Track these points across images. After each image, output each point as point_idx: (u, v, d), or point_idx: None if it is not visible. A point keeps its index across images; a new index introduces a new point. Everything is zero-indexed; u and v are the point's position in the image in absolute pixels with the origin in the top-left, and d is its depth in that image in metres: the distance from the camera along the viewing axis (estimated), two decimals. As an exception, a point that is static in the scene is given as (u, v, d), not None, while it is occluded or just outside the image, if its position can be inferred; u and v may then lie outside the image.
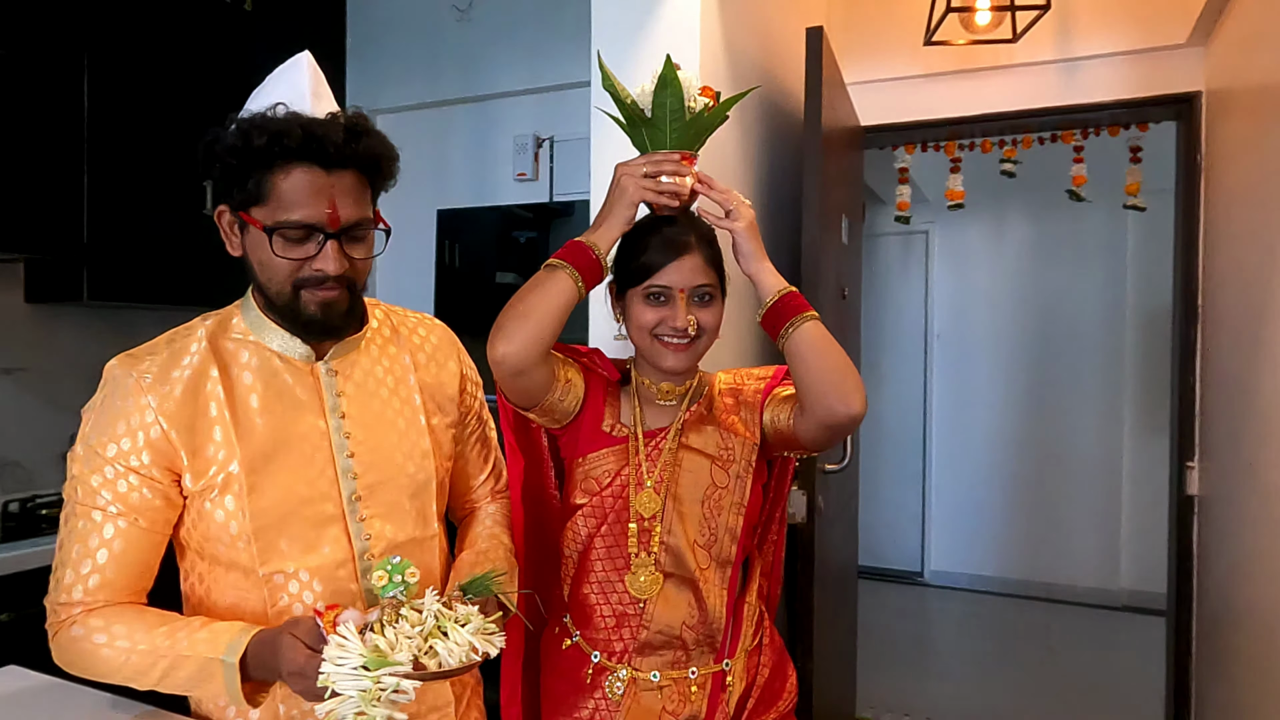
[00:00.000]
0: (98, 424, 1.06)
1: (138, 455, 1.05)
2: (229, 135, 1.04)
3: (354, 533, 1.11)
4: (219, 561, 1.10)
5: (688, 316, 1.22)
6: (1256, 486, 1.91)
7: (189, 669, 1.01)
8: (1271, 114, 1.83)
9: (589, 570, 1.28)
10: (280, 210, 1.03)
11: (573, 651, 1.30)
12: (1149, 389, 4.52)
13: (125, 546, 1.05)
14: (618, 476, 1.27)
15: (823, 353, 1.17)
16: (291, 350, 1.12)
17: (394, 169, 1.14)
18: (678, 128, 1.21)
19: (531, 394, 1.22)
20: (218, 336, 1.12)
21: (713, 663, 1.28)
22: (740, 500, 1.27)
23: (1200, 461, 2.58)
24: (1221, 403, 2.32)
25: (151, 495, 1.06)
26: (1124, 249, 4.67)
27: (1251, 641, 1.95)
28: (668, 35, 1.82)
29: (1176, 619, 2.72)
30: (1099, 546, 4.72)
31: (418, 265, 3.16)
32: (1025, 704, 3.49)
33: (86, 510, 1.05)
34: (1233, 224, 2.23)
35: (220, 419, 1.07)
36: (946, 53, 2.62)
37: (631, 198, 1.20)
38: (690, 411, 1.31)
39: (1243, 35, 2.11)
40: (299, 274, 1.06)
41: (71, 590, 1.05)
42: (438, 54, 3.14)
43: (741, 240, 1.22)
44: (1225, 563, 2.25)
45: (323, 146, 1.02)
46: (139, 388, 1.05)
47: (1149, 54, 2.57)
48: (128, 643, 1.02)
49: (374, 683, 0.90)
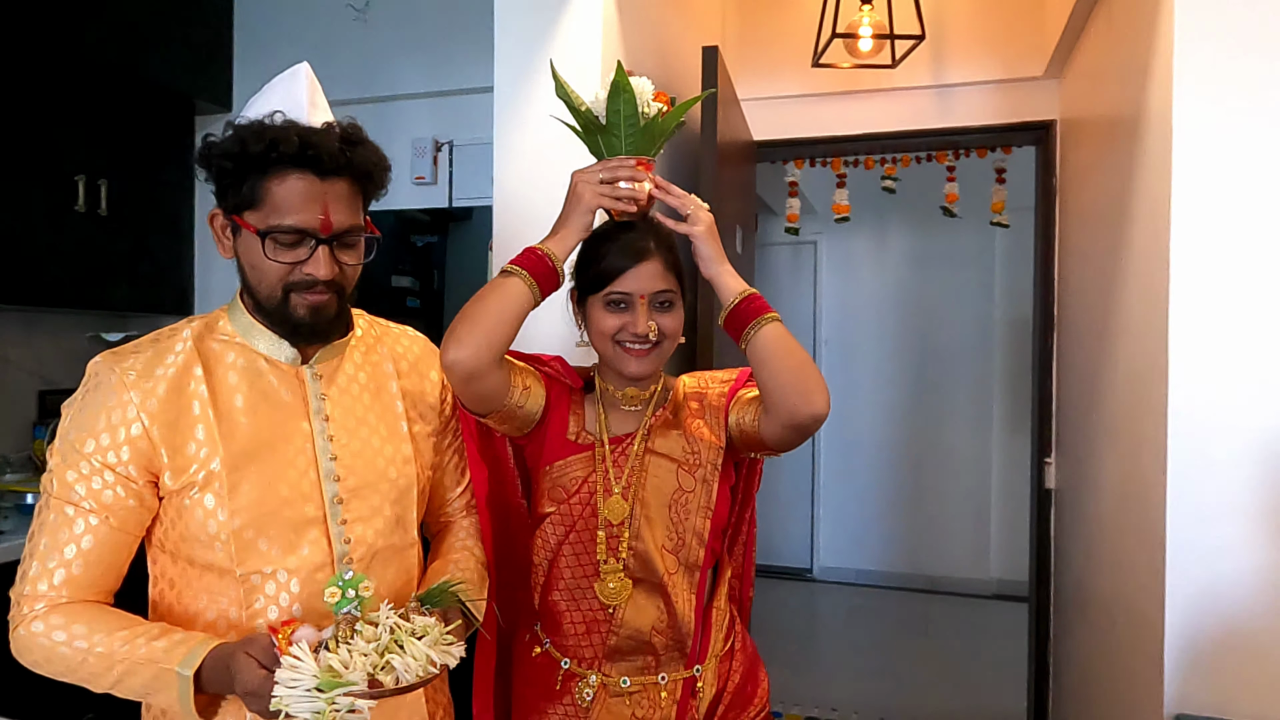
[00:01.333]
0: (77, 420, 1.05)
1: (116, 452, 1.03)
2: (226, 140, 1.05)
3: (334, 535, 1.11)
4: (194, 563, 1.08)
5: (649, 322, 1.22)
6: (1102, 480, 2.12)
7: (143, 676, 0.99)
8: (1110, 143, 2.04)
9: (558, 577, 1.27)
10: (274, 215, 1.04)
11: (542, 659, 1.29)
12: (1015, 391, 4.88)
13: (94, 544, 1.03)
14: (585, 483, 1.26)
15: (785, 354, 1.17)
16: (278, 353, 1.12)
17: (385, 179, 1.15)
18: (632, 133, 1.21)
19: (486, 400, 1.20)
20: (204, 337, 1.11)
21: (683, 669, 1.28)
22: (707, 504, 1.26)
23: (1057, 457, 2.82)
24: (1074, 404, 2.55)
25: (125, 495, 1.04)
26: (992, 262, 5.03)
27: (1097, 621, 2.15)
28: (571, 47, 1.87)
29: (1036, 604, 2.95)
30: (971, 539, 5.05)
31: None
32: (907, 688, 3.71)
33: (59, 505, 1.04)
34: (1082, 242, 2.46)
35: (204, 417, 1.06)
36: (833, 74, 2.78)
37: (588, 204, 1.19)
38: (656, 416, 1.30)
39: (1088, 71, 2.35)
40: (290, 278, 1.07)
41: (36, 583, 1.03)
42: (333, 54, 3.08)
43: (700, 244, 1.21)
44: (1077, 550, 2.47)
45: (318, 155, 1.04)
46: (122, 384, 1.04)
47: (1011, 84, 2.80)
48: (86, 644, 1.00)
49: (328, 704, 0.88)
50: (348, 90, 3.09)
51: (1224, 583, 1.50)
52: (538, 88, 1.88)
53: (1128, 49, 1.89)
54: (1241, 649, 1.49)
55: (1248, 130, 1.51)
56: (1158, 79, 1.64)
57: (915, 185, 3.80)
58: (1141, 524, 1.70)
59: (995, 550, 5.01)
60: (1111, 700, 1.98)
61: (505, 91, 1.90)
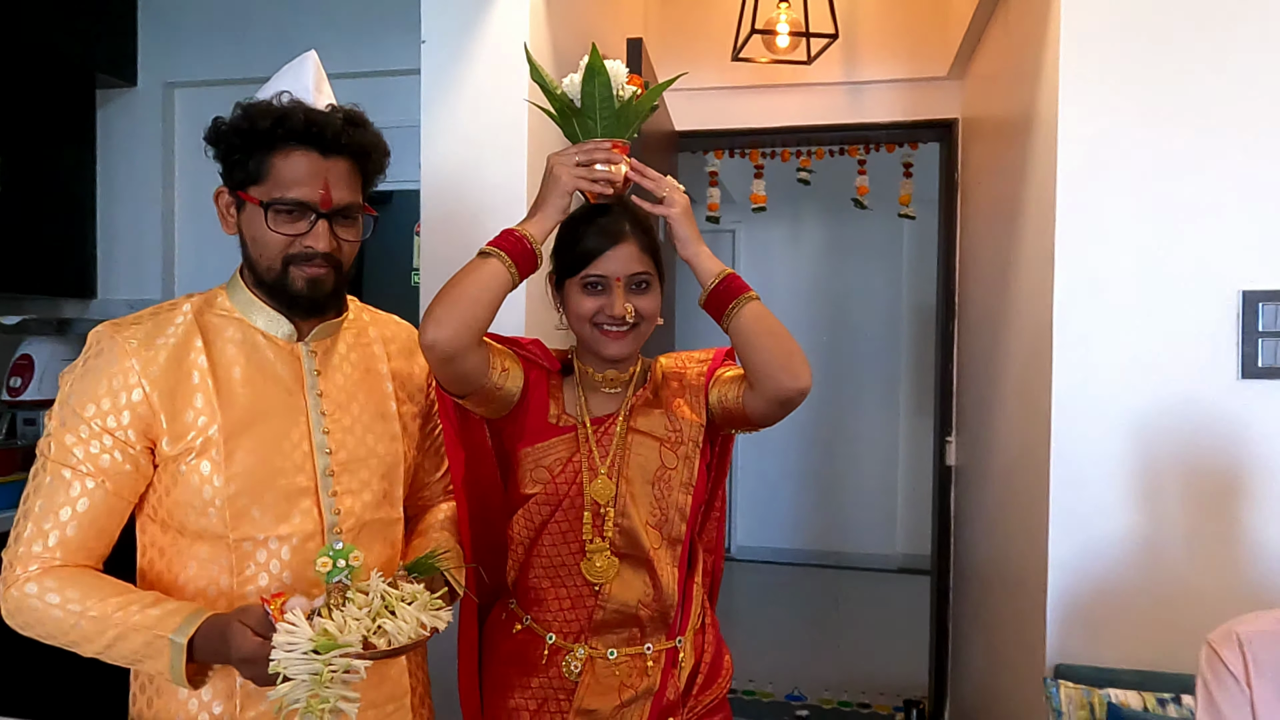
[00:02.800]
0: (78, 385, 1.06)
1: (116, 416, 1.05)
2: (235, 118, 1.09)
3: (325, 506, 1.15)
4: (185, 532, 1.10)
5: (626, 304, 1.23)
6: (996, 456, 2.29)
7: (135, 642, 1.02)
8: (1005, 142, 2.19)
9: (540, 556, 1.28)
10: (277, 189, 1.09)
11: (524, 635, 1.30)
12: (921, 375, 5.13)
13: (89, 507, 1.05)
14: (569, 464, 1.27)
15: (768, 331, 1.20)
16: (275, 329, 1.16)
17: (384, 162, 1.21)
18: (607, 116, 1.22)
19: (465, 380, 1.20)
20: (203, 311, 1.15)
21: (665, 639, 1.30)
22: (689, 480, 1.29)
23: (957, 436, 3.01)
24: (972, 386, 2.73)
25: (122, 460, 1.06)
26: (900, 252, 5.26)
27: (990, 586, 2.33)
28: (498, 34, 1.89)
29: (937, 576, 3.13)
30: (879, 516, 5.30)
31: (234, 250, 3.00)
32: (818, 660, 3.89)
33: (57, 468, 1.05)
34: (980, 234, 2.62)
35: (203, 386, 1.09)
36: (751, 69, 2.87)
37: (565, 186, 1.19)
38: (636, 396, 1.32)
39: (987, 73, 2.50)
40: (290, 250, 1.11)
41: (31, 545, 1.04)
42: (245, 30, 3.00)
43: (677, 226, 1.23)
44: (975, 523, 2.65)
45: (321, 132, 1.09)
46: (124, 351, 1.07)
47: (918, 83, 2.95)
48: (79, 607, 1.02)
49: (325, 665, 0.92)
50: (261, 68, 2.99)
51: (1098, 543, 1.66)
52: (468, 72, 1.90)
53: (1021, 53, 2.03)
54: (1113, 603, 1.65)
55: (1125, 131, 1.65)
56: (1046, 82, 1.78)
57: (828, 177, 3.94)
58: (1028, 493, 1.85)
59: (901, 527, 5.28)
60: (1002, 656, 2.15)
61: (433, 76, 1.91)
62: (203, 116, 2.77)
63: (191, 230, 3.12)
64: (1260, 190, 1.59)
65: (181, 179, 3.13)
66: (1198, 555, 1.62)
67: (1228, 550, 1.61)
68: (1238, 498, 1.60)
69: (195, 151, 3.24)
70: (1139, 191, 1.65)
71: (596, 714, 1.27)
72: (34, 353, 2.73)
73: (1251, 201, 1.60)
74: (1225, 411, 1.60)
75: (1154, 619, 1.62)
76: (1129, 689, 1.54)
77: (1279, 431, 1.58)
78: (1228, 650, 1.19)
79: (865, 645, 4.10)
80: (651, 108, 1.27)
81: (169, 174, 3.11)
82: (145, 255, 3.09)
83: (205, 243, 3.10)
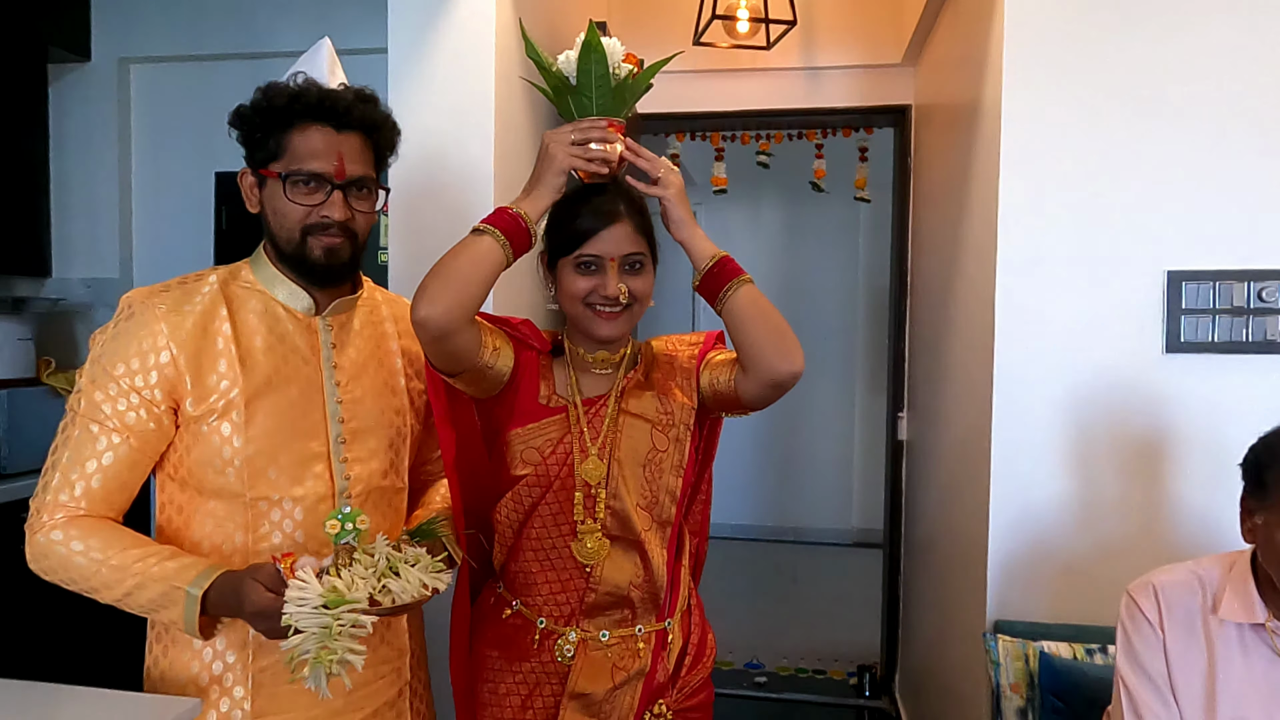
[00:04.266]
0: (109, 346, 1.12)
1: (144, 376, 1.11)
2: (254, 99, 1.15)
3: (336, 472, 1.21)
4: (203, 490, 1.16)
5: (619, 285, 1.22)
6: (943, 430, 2.40)
7: (153, 592, 1.08)
8: (954, 128, 2.28)
9: (529, 539, 1.27)
10: (295, 162, 1.15)
11: (515, 619, 1.30)
12: (876, 354, 5.26)
13: (114, 461, 1.11)
14: (560, 445, 1.26)
15: (761, 315, 1.19)
16: (295, 302, 1.22)
17: (395, 138, 1.26)
18: (603, 94, 1.20)
19: (456, 358, 1.19)
20: (228, 283, 1.21)
21: (655, 621, 1.30)
22: (680, 462, 1.29)
23: (909, 412, 3.13)
24: (923, 363, 2.84)
25: (147, 418, 1.12)
26: (857, 234, 5.38)
27: (937, 553, 2.44)
28: (465, 14, 1.92)
29: (890, 548, 3.26)
30: (835, 492, 5.45)
31: (194, 229, 2.99)
32: (776, 631, 4.01)
33: (85, 423, 1.11)
34: (931, 218, 2.73)
35: (226, 352, 1.15)
36: (713, 53, 2.92)
37: (560, 165, 1.18)
38: (627, 378, 1.31)
39: (938, 60, 2.59)
40: (308, 220, 1.16)
41: (58, 494, 1.10)
42: (204, 6, 2.97)
43: (671, 207, 1.21)
44: (925, 495, 2.77)
45: (334, 108, 1.16)
46: (154, 315, 1.13)
47: (873, 69, 3.04)
48: (100, 555, 1.08)
49: (334, 619, 0.98)
50: (219, 44, 2.98)
51: (1035, 508, 1.77)
52: (436, 51, 1.93)
53: (969, 42, 2.12)
54: (1049, 563, 1.77)
55: (1064, 120, 1.74)
56: (991, 71, 1.87)
57: (787, 161, 4.02)
58: (971, 462, 1.96)
59: (857, 502, 5.43)
60: (947, 616, 2.27)
61: (400, 54, 1.94)
62: (158, 92, 2.75)
63: (149, 208, 3.09)
64: (1186, 178, 1.70)
65: (139, 156, 3.09)
66: (1126, 518, 1.74)
67: (1153, 512, 1.73)
68: (1162, 463, 1.72)
69: (152, 128, 3.23)
70: (1075, 177, 1.74)
71: (590, 697, 1.26)
72: (-11, 331, 2.70)
73: (1178, 188, 1.70)
74: (1151, 383, 1.72)
75: (1086, 577, 1.74)
76: (1061, 641, 1.65)
77: (1199, 401, 1.70)
78: (1144, 598, 1.30)
79: (821, 616, 4.24)
80: (646, 86, 1.25)
81: (125, 151, 3.07)
82: (101, 233, 3.06)
83: (163, 220, 3.08)
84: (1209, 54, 1.69)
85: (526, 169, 1.82)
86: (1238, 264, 1.68)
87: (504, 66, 1.98)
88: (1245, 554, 1.27)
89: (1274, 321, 1.67)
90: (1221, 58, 1.69)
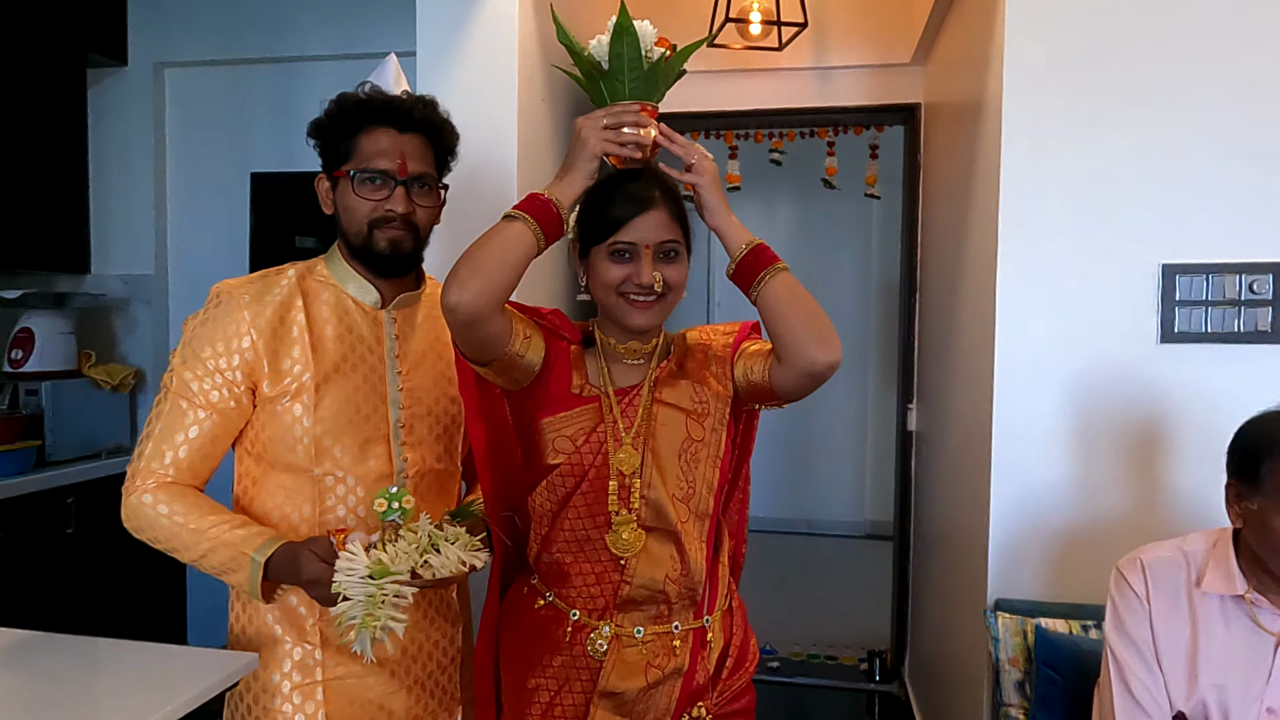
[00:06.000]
0: (199, 331, 1.24)
1: (228, 359, 1.23)
2: (328, 108, 1.28)
3: (395, 454, 1.32)
4: (276, 464, 1.27)
5: (653, 273, 1.19)
6: (949, 419, 2.47)
7: (223, 555, 1.19)
8: (960, 126, 2.35)
9: (563, 529, 1.25)
10: (362, 161, 1.26)
11: (547, 611, 1.27)
12: (888, 348, 5.32)
13: (199, 435, 1.23)
14: (593, 434, 1.24)
15: (797, 303, 1.16)
16: (364, 296, 1.33)
17: (454, 140, 1.37)
18: (636, 78, 1.18)
19: (487, 347, 1.18)
20: (304, 277, 1.32)
21: (693, 618, 1.27)
22: (716, 453, 1.26)
23: (918, 403, 3.20)
24: (931, 355, 2.91)
25: (228, 397, 1.24)
26: (870, 230, 5.44)
27: (943, 539, 2.52)
28: (490, 18, 2.02)
29: (899, 539, 3.32)
30: (847, 484, 5.52)
31: (228, 228, 3.11)
32: (789, 619, 4.09)
33: (176, 399, 1.23)
34: (939, 214, 2.80)
35: (300, 339, 1.27)
36: (726, 54, 3.00)
37: (593, 150, 1.16)
38: (661, 367, 1.29)
39: (946, 60, 2.66)
40: (374, 214, 1.27)
41: (150, 461, 1.23)
42: (237, 11, 3.08)
43: (705, 194, 1.18)
44: (932, 485, 2.84)
45: (398, 112, 1.27)
46: (239, 304, 1.24)
47: (883, 69, 3.11)
48: (182, 519, 1.20)
49: (378, 589, 1.08)
50: (252, 49, 3.09)
51: (1034, 491, 1.84)
52: (462, 53, 2.03)
53: (973, 41, 2.19)
54: (1047, 543, 1.84)
55: (1064, 118, 1.81)
56: (993, 68, 1.93)
57: (799, 159, 4.09)
58: (974, 449, 2.03)
59: (869, 494, 5.50)
60: (952, 598, 2.34)
61: (428, 57, 2.04)
62: (193, 96, 2.81)
63: (184, 207, 3.22)
64: (1180, 174, 1.76)
65: (173, 157, 3.22)
66: (1122, 501, 1.81)
67: (1148, 495, 1.80)
68: (1156, 448, 1.79)
69: (186, 130, 3.36)
70: (1074, 174, 1.81)
71: (622, 696, 1.22)
72: (34, 326, 2.83)
73: (1172, 184, 1.77)
74: (1146, 372, 1.79)
75: (1083, 557, 1.81)
76: (1058, 618, 1.73)
77: (1192, 389, 1.77)
78: (1132, 573, 1.38)
79: (833, 605, 4.31)
80: (680, 70, 1.23)
81: (160, 152, 3.20)
82: (138, 231, 3.19)
83: (197, 219, 3.20)
84: (1201, 54, 1.75)
85: (549, 168, 1.92)
86: (1230, 257, 1.75)
87: (526, 69, 2.08)
88: (1228, 530, 1.34)
89: (1265, 312, 1.73)
90: (1213, 57, 1.75)
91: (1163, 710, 1.32)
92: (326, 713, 1.28)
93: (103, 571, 2.72)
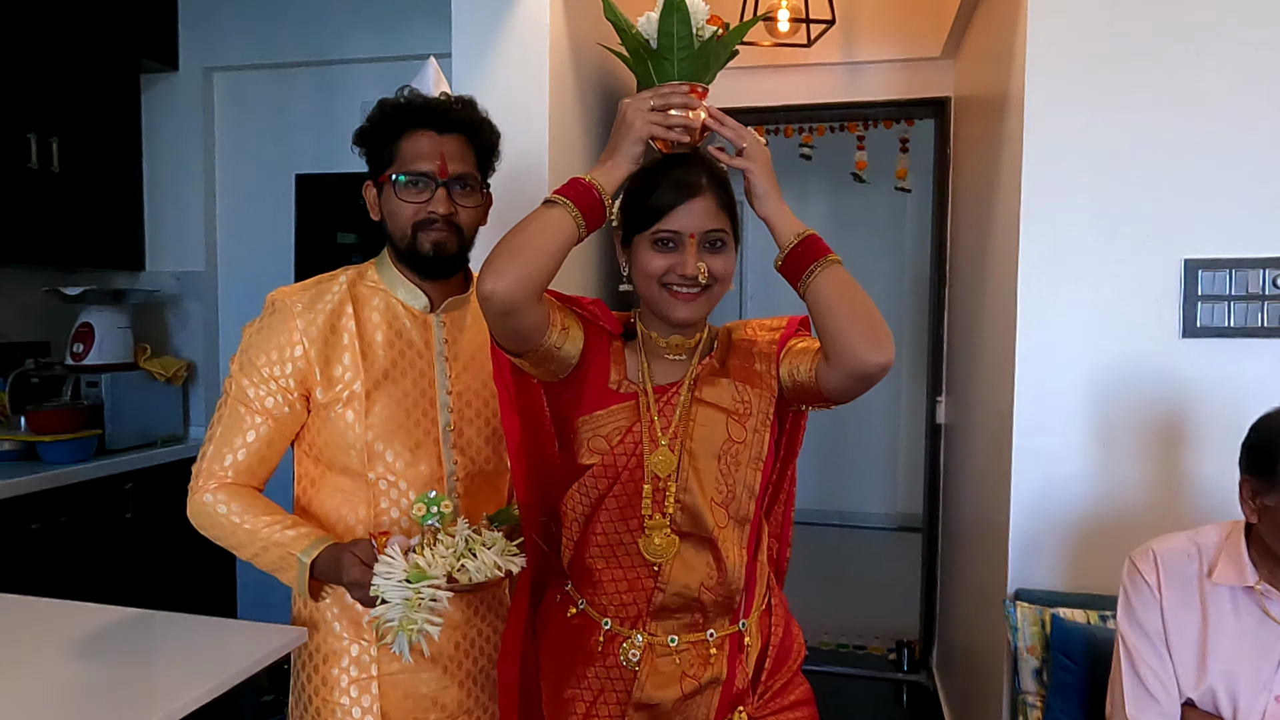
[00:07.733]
0: (255, 339, 1.30)
1: (281, 367, 1.28)
2: (370, 115, 1.32)
3: (445, 457, 1.37)
4: (332, 467, 1.33)
5: (698, 263, 1.13)
6: (975, 412, 2.49)
7: (274, 555, 1.25)
8: (987, 119, 2.36)
9: (596, 533, 1.21)
10: (404, 165, 1.30)
11: (579, 620, 1.23)
12: (921, 341, 5.30)
13: (256, 439, 1.29)
14: (629, 434, 1.19)
15: (850, 299, 1.08)
16: (413, 301, 1.37)
17: (495, 139, 1.40)
18: (685, 57, 1.12)
19: (523, 337, 1.13)
20: (355, 283, 1.36)
21: (729, 624, 1.22)
22: (759, 455, 1.20)
23: (946, 396, 3.21)
24: (959, 348, 2.92)
25: (283, 403, 1.29)
26: (903, 223, 5.42)
27: (968, 531, 2.54)
28: (523, 22, 2.09)
29: (928, 531, 3.35)
30: (880, 477, 5.53)
31: (274, 226, 3.23)
32: (820, 609, 4.12)
33: (235, 405, 1.29)
34: (967, 207, 2.80)
35: (351, 346, 1.31)
36: (755, 51, 3.03)
37: (638, 133, 1.10)
38: (702, 365, 1.24)
39: (975, 53, 2.66)
40: (417, 217, 1.30)
41: (213, 463, 1.29)
42: (280, 15, 3.19)
43: (756, 181, 1.12)
44: (960, 476, 2.86)
45: (435, 113, 1.31)
46: (292, 314, 1.30)
47: (913, 63, 3.12)
48: (239, 519, 1.26)
49: (415, 593, 1.10)
50: (295, 53, 3.20)
51: (1055, 483, 1.86)
52: (498, 54, 2.10)
53: (999, 35, 2.20)
54: (1067, 535, 1.86)
55: (1087, 112, 1.82)
56: (1017, 62, 1.94)
57: (830, 153, 4.11)
58: (997, 441, 2.06)
59: (901, 487, 5.50)
60: (975, 588, 2.37)
61: (463, 59, 2.11)
62: (240, 99, 2.85)
63: (232, 206, 3.35)
64: (1202, 169, 1.77)
65: (221, 158, 3.35)
66: (1142, 494, 1.83)
67: (1168, 489, 1.81)
68: (1177, 442, 1.81)
69: (234, 132, 3.49)
70: (1097, 168, 1.82)
71: (658, 708, 1.19)
72: (94, 321, 2.97)
73: (1194, 179, 1.77)
74: (1168, 366, 1.80)
75: (1102, 549, 1.83)
76: (1076, 608, 1.76)
77: (1214, 384, 1.78)
78: (1144, 563, 1.41)
79: (864, 596, 4.34)
80: (732, 51, 1.16)
81: (209, 154, 3.33)
82: (189, 230, 3.32)
83: (245, 218, 3.33)
84: (1225, 49, 1.75)
85: (580, 168, 1.97)
86: (1253, 252, 1.75)
87: (557, 68, 2.14)
88: (1241, 523, 1.36)
89: (1288, 306, 1.74)
90: (1237, 53, 1.75)
91: (1172, 698, 1.35)
92: (381, 707, 1.32)
93: (159, 554, 2.86)
